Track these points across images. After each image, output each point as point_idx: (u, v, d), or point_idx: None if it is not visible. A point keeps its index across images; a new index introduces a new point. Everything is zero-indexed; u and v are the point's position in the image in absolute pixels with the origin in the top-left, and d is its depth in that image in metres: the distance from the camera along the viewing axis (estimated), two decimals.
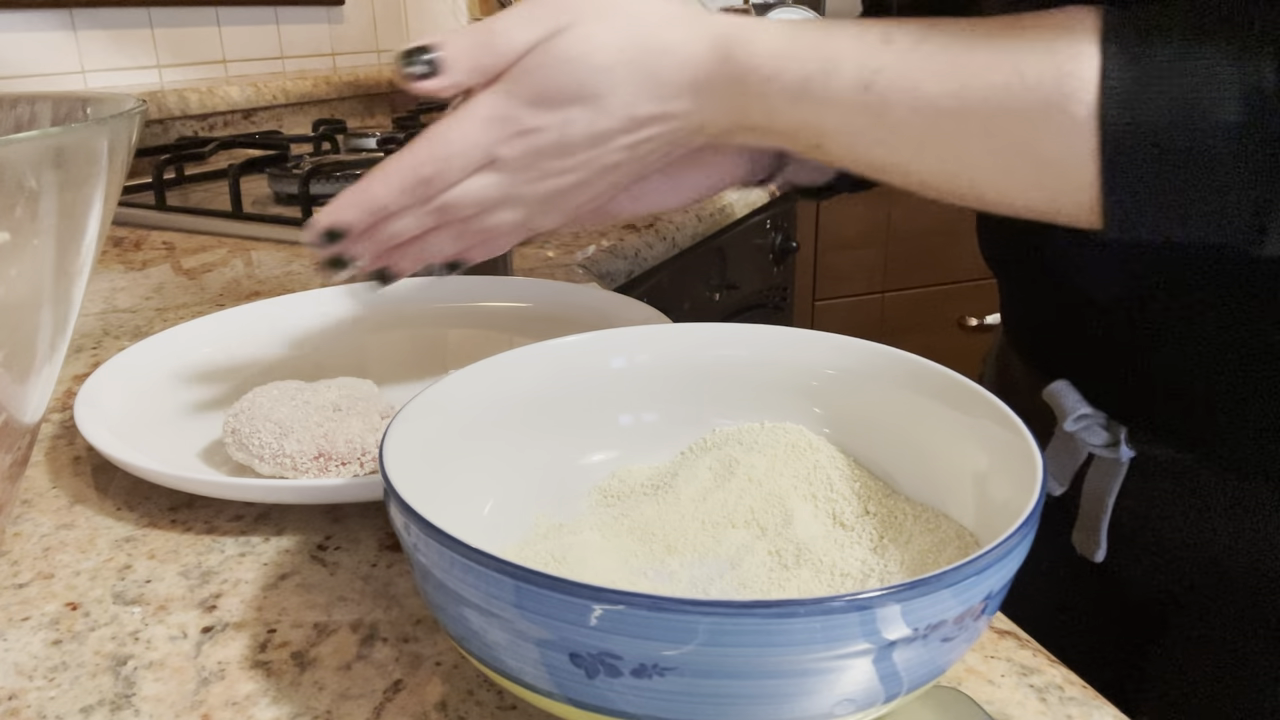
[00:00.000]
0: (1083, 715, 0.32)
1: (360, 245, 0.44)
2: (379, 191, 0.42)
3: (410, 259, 0.46)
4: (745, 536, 0.37)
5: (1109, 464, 0.51)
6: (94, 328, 0.70)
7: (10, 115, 0.43)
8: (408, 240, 0.44)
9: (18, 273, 0.34)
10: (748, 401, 0.42)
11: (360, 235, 0.43)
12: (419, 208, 0.42)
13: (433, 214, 0.43)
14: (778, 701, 0.25)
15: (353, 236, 0.43)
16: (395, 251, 0.45)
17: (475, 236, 0.45)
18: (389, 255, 0.45)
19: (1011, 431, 0.33)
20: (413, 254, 0.45)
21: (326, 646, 0.36)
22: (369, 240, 0.44)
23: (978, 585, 0.26)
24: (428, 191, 0.42)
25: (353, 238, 0.43)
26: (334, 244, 0.43)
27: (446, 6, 1.77)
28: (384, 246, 0.44)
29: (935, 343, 1.91)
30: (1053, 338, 0.55)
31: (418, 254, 0.45)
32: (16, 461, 0.39)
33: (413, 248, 0.45)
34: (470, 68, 0.40)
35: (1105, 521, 0.52)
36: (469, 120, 0.41)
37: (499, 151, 0.41)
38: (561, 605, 0.25)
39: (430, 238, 0.44)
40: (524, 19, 0.40)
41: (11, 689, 0.34)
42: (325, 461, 0.44)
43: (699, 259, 1.08)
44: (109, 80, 1.31)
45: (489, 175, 0.42)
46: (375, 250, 0.44)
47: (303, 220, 0.93)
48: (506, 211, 0.43)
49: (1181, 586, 0.51)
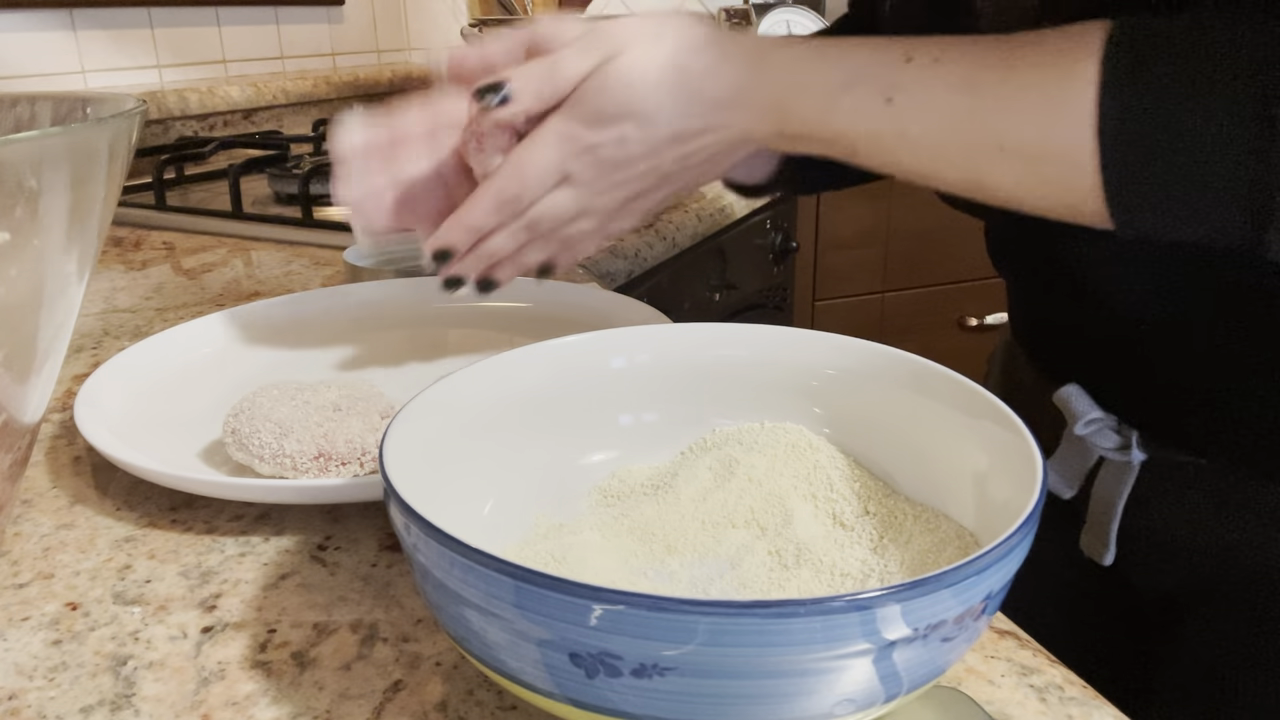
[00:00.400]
0: (1083, 715, 0.32)
1: (467, 263, 0.51)
2: (475, 214, 0.49)
3: (508, 268, 0.52)
4: (745, 536, 0.37)
5: (1119, 467, 0.51)
6: (94, 328, 0.70)
7: (10, 115, 0.43)
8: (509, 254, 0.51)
9: (18, 273, 0.34)
10: (748, 401, 0.42)
11: (465, 254, 0.51)
12: (510, 224, 0.49)
13: (524, 230, 0.49)
14: (778, 701, 0.25)
15: (459, 256, 0.51)
16: (498, 265, 0.52)
17: (560, 244, 0.51)
18: (493, 268, 0.52)
19: (1011, 431, 0.33)
20: (510, 263, 0.52)
21: (326, 646, 0.36)
22: (474, 258, 0.51)
23: (978, 585, 0.26)
24: (515, 209, 0.48)
25: (459, 257, 0.51)
26: (445, 264, 0.51)
27: (446, 6, 1.77)
28: (487, 262, 0.51)
29: (935, 343, 1.90)
30: (1062, 341, 0.55)
31: (515, 262, 0.52)
32: (16, 461, 0.39)
33: (513, 258, 0.52)
34: (535, 94, 0.46)
35: (1115, 524, 0.52)
36: (540, 142, 0.47)
37: (569, 167, 0.47)
38: (561, 605, 0.25)
39: (526, 248, 0.51)
40: (581, 50, 0.46)
41: (11, 689, 0.34)
42: (325, 461, 0.44)
43: (699, 259, 1.08)
44: (109, 80, 1.31)
45: (565, 189, 0.48)
46: (479, 266, 0.51)
47: (303, 220, 0.93)
48: (584, 221, 0.50)
49: (1191, 588, 0.51)
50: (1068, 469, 0.53)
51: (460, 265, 0.51)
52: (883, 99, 0.41)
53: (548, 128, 0.47)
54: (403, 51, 1.79)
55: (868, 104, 0.42)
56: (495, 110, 0.46)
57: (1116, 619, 0.58)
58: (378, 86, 1.59)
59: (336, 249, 0.89)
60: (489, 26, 1.34)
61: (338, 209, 0.99)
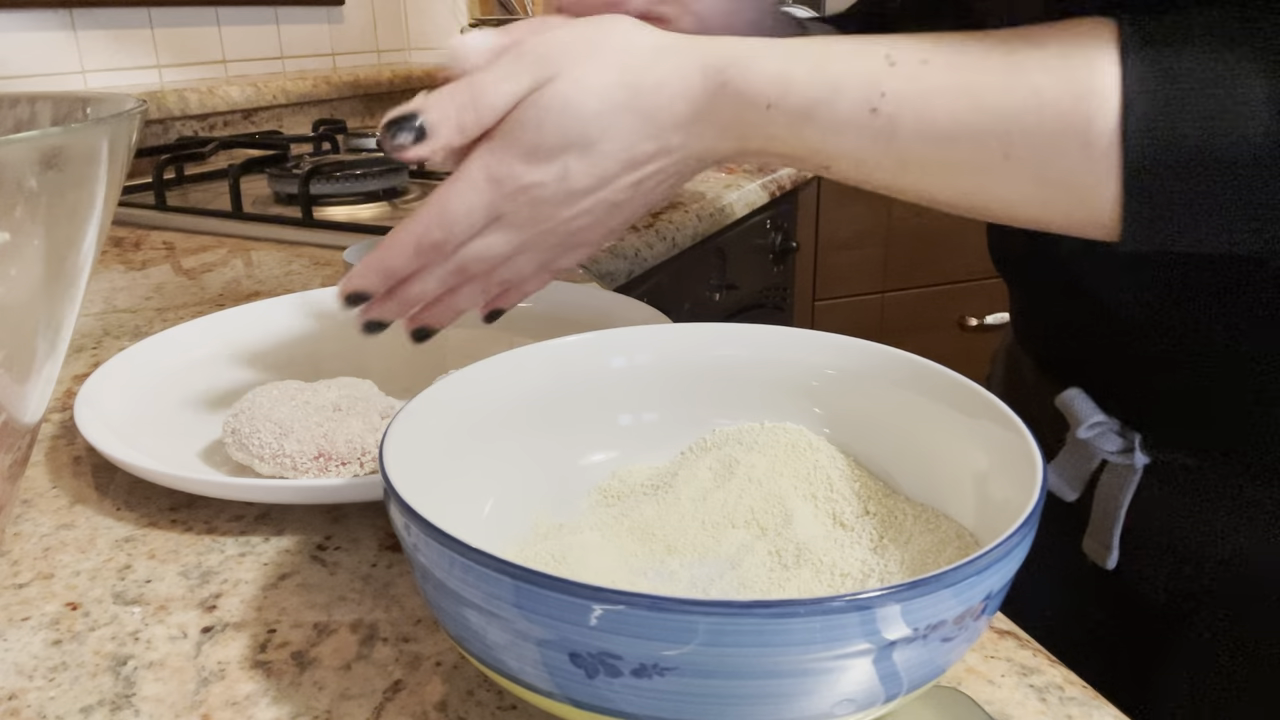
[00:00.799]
0: (1083, 715, 0.32)
1: (386, 308, 0.45)
2: (391, 258, 0.43)
3: (443, 314, 0.47)
4: (745, 536, 0.37)
5: (1122, 470, 0.50)
6: (94, 328, 0.70)
7: (10, 115, 0.43)
8: (438, 297, 0.46)
9: (18, 273, 0.34)
10: (748, 401, 0.42)
11: (384, 299, 0.45)
12: (437, 267, 0.44)
13: (453, 273, 0.44)
14: (778, 701, 0.25)
15: (377, 300, 0.45)
16: (427, 310, 0.47)
17: (500, 286, 0.46)
18: (422, 313, 0.47)
19: (1011, 431, 0.33)
20: (444, 309, 0.47)
21: (326, 646, 0.36)
22: (394, 302, 0.45)
23: (978, 585, 0.26)
24: (439, 255, 0.43)
25: (377, 301, 0.45)
26: (360, 307, 0.45)
27: (446, 6, 1.77)
28: (412, 306, 0.46)
29: (935, 343, 1.90)
30: (1064, 343, 0.55)
31: (449, 308, 0.47)
32: (16, 461, 0.39)
33: (444, 303, 0.46)
34: (457, 128, 0.41)
35: (1118, 528, 0.51)
36: (465, 183, 0.41)
37: (501, 209, 0.42)
38: (561, 605, 0.25)
39: (458, 292, 0.46)
40: (506, 73, 0.40)
41: (11, 689, 0.34)
42: (325, 461, 0.44)
43: (699, 259, 1.08)
44: (109, 80, 1.30)
45: (497, 231, 0.43)
46: (403, 310, 0.46)
47: (303, 220, 0.93)
48: (523, 259, 0.44)
49: (1195, 591, 0.51)
50: (1070, 472, 0.53)
51: (380, 310, 0.45)
52: (866, 109, 0.37)
53: (473, 165, 0.41)
54: (403, 51, 1.79)
55: (849, 115, 0.37)
56: (412, 148, 0.41)
57: (1117, 619, 0.58)
58: (378, 86, 1.59)
59: (336, 249, 0.89)
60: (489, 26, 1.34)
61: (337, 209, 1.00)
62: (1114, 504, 0.51)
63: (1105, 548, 0.52)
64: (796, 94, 0.38)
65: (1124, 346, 0.49)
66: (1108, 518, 0.52)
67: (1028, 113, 0.35)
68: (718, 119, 0.40)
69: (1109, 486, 0.51)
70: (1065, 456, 0.53)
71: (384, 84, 1.60)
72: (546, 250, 0.44)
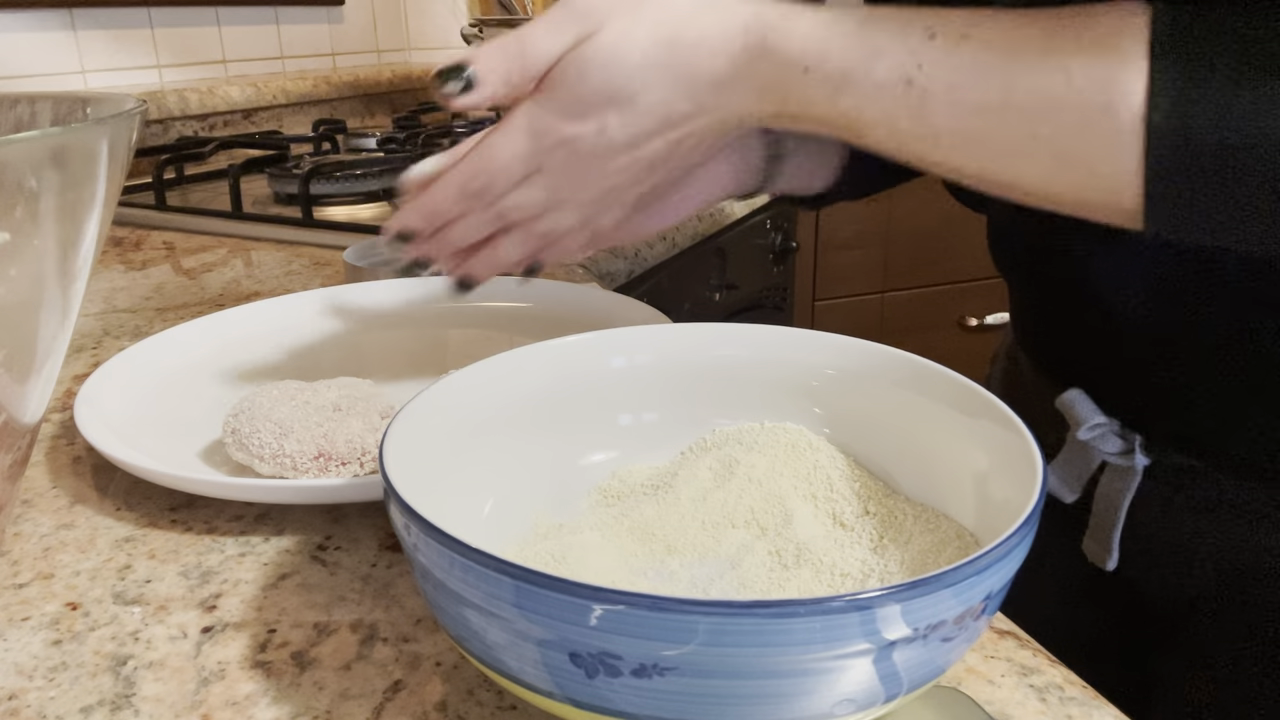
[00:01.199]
0: (1083, 715, 0.32)
1: (430, 247, 0.47)
2: (437, 200, 0.45)
3: (483, 264, 0.48)
4: (745, 536, 0.37)
5: (1122, 471, 0.50)
6: (94, 328, 0.70)
7: (10, 115, 0.43)
8: (477, 245, 0.47)
9: (18, 273, 0.34)
10: (748, 401, 0.42)
11: (427, 239, 0.47)
12: (479, 214, 0.45)
13: (492, 220, 0.46)
14: (778, 701, 0.25)
15: (420, 239, 0.47)
16: (468, 257, 0.48)
17: (540, 240, 0.47)
18: (463, 261, 0.48)
19: (1011, 431, 0.33)
20: (484, 259, 0.48)
21: (326, 646, 0.36)
22: (437, 244, 0.47)
23: (978, 585, 0.26)
24: (483, 199, 0.44)
25: (420, 240, 0.47)
26: (405, 245, 0.48)
27: (446, 6, 1.77)
28: (453, 249, 0.47)
29: (935, 343, 1.90)
30: (1066, 345, 0.55)
31: (489, 259, 0.48)
32: (16, 461, 0.39)
33: (483, 253, 0.48)
34: (503, 79, 0.42)
35: (1118, 529, 0.51)
36: (510, 133, 0.43)
37: (541, 161, 0.43)
38: (561, 605, 0.25)
39: (498, 242, 0.47)
40: (551, 27, 0.41)
41: (11, 689, 0.34)
42: (325, 461, 0.44)
43: (699, 259, 1.08)
44: (109, 80, 1.31)
45: (536, 182, 0.44)
46: (445, 252, 0.48)
47: (303, 220, 0.93)
48: (561, 214, 0.45)
49: (1194, 591, 0.51)
50: (1070, 473, 0.53)
51: (424, 249, 0.48)
52: (902, 79, 0.37)
53: (519, 117, 0.43)
54: (403, 51, 1.79)
55: (885, 84, 0.38)
56: (460, 97, 0.42)
57: (1117, 620, 0.58)
58: (378, 86, 1.59)
59: (336, 249, 0.89)
60: (489, 26, 1.34)
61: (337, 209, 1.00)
62: (1114, 505, 0.51)
63: (1105, 549, 0.52)
64: (835, 60, 0.38)
65: (1125, 347, 0.49)
66: (1107, 519, 0.52)
67: (1056, 95, 0.35)
68: (756, 79, 0.40)
69: (1109, 488, 0.51)
70: (1065, 457, 0.53)
71: (384, 84, 1.60)
72: (583, 206, 0.45)
